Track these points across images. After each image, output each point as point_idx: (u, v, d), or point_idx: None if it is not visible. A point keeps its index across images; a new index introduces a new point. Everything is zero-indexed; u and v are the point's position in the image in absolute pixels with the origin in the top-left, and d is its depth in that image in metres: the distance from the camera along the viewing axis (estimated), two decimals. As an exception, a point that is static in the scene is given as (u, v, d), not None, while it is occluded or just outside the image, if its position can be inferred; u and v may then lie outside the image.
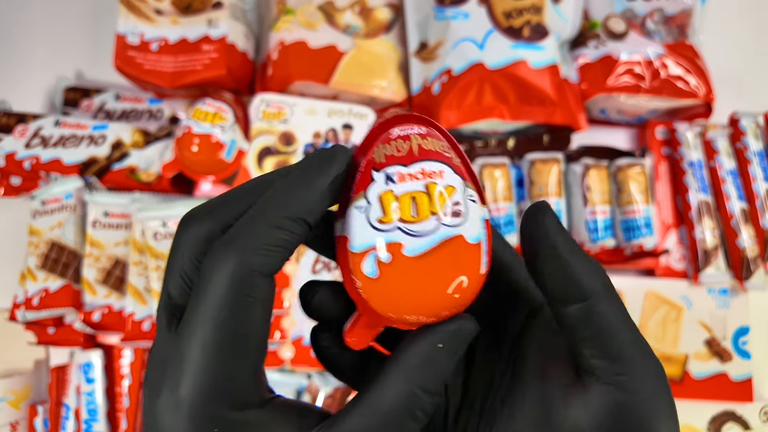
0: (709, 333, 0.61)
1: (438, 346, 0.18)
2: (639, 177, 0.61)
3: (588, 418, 0.19)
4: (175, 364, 0.18)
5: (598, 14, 0.66)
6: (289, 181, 0.19)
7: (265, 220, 0.18)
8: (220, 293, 0.17)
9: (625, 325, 0.19)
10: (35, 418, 0.58)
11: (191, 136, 0.57)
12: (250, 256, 0.18)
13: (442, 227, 0.18)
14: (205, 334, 0.17)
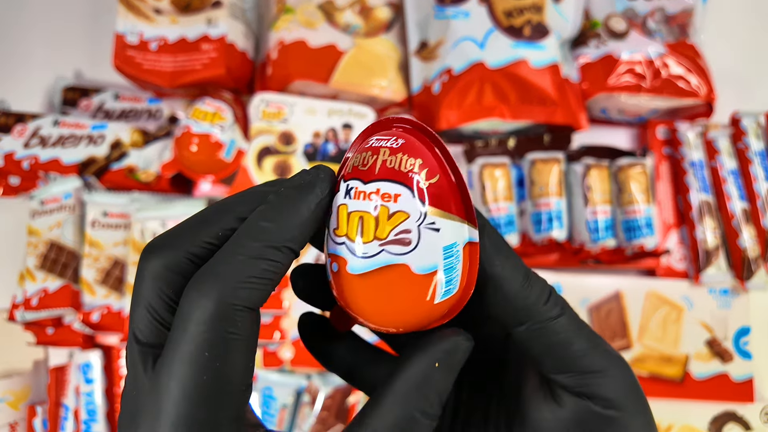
0: (710, 333, 0.61)
1: (434, 365, 0.18)
2: (640, 177, 0.61)
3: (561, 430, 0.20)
4: (152, 412, 0.16)
5: (599, 13, 0.66)
6: (270, 207, 0.18)
7: (246, 251, 0.17)
8: (200, 332, 0.16)
9: (576, 334, 0.20)
10: (34, 419, 0.58)
11: (190, 135, 0.57)
12: (231, 291, 0.16)
13: (383, 253, 0.18)
14: (185, 377, 0.16)
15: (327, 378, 0.57)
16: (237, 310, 0.16)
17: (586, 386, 0.19)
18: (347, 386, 0.56)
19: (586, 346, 0.19)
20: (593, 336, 0.20)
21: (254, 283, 0.17)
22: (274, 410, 0.55)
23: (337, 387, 0.56)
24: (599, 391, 0.19)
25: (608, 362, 0.20)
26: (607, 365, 0.19)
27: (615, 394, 0.19)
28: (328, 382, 0.56)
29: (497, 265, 0.19)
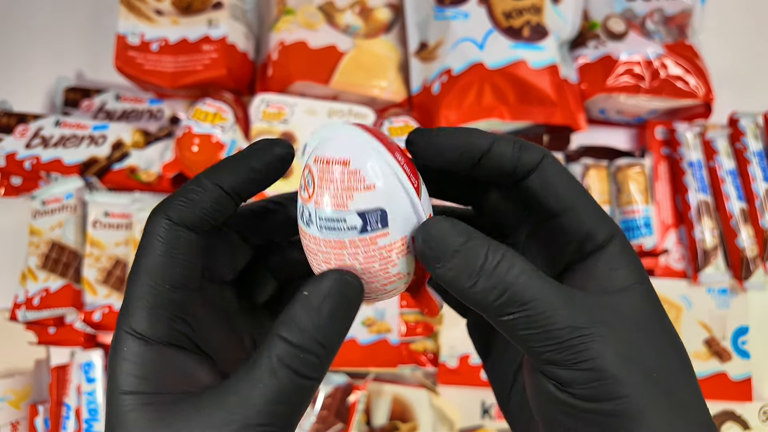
0: (708, 333, 0.61)
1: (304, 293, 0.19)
2: (638, 177, 0.61)
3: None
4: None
5: (598, 14, 0.66)
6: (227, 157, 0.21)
7: (193, 182, 0.21)
8: (143, 237, 0.20)
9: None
10: (36, 418, 0.58)
11: (191, 136, 0.57)
12: (167, 208, 0.20)
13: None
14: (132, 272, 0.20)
15: (327, 377, 0.57)
16: (163, 219, 0.20)
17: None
18: (347, 385, 0.57)
19: (564, 333, 0.18)
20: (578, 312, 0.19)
21: (181, 203, 0.20)
22: (274, 409, 0.56)
23: (337, 386, 0.56)
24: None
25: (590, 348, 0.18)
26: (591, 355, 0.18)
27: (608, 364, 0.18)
28: (328, 381, 0.57)
29: None
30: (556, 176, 0.21)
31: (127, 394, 0.18)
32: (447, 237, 0.19)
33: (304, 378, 0.18)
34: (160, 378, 0.19)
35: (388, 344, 0.58)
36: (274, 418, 0.18)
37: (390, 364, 0.58)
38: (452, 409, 0.59)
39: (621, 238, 0.20)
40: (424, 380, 0.60)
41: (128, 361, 0.19)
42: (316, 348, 0.18)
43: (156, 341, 0.19)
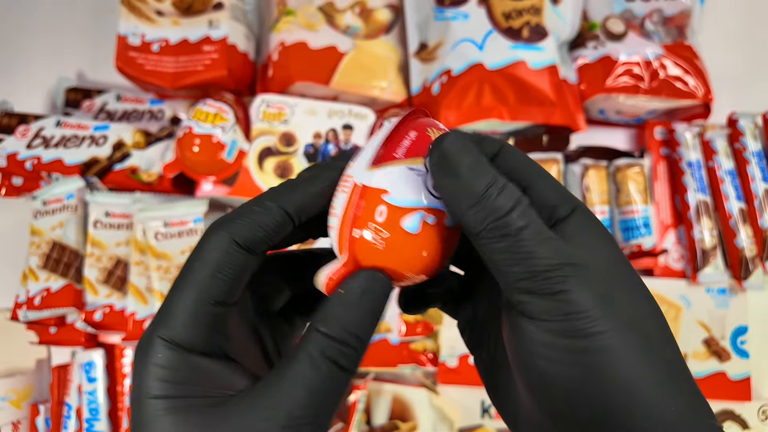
0: (707, 332, 0.61)
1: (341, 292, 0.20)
2: (638, 177, 0.61)
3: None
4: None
5: (597, 15, 0.66)
6: (288, 181, 0.22)
7: (254, 203, 0.21)
8: (199, 247, 0.21)
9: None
10: (37, 418, 0.58)
11: (192, 136, 0.58)
12: (229, 225, 0.20)
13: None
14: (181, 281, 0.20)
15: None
16: (227, 239, 0.20)
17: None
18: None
19: (547, 263, 0.19)
20: (558, 250, 0.19)
21: (244, 223, 0.20)
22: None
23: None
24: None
25: (567, 283, 0.19)
26: (567, 287, 0.19)
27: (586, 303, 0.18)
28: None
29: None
30: (517, 159, 0.22)
31: (159, 399, 0.19)
32: (459, 155, 0.20)
33: (345, 370, 0.19)
34: (196, 384, 0.19)
35: (388, 344, 0.58)
36: (317, 410, 0.19)
37: (390, 364, 0.58)
38: (452, 409, 0.59)
39: (583, 210, 0.21)
40: (424, 380, 0.60)
41: (160, 367, 0.19)
42: (355, 341, 0.19)
43: (191, 350, 0.19)
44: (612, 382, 0.18)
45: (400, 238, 0.20)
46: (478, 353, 0.26)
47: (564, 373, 0.19)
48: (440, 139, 0.20)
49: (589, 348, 0.18)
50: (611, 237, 0.21)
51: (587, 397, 0.18)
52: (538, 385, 0.19)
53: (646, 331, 0.19)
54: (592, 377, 0.18)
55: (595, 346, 0.18)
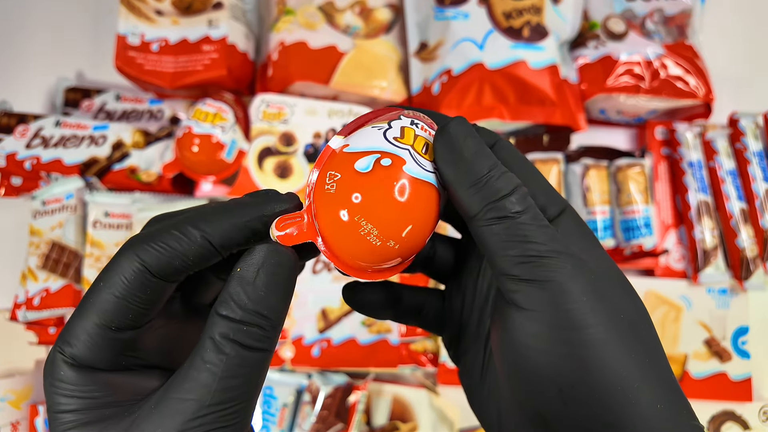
0: (708, 333, 0.61)
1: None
2: (638, 177, 0.61)
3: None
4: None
5: (598, 15, 0.66)
6: (216, 206, 0.20)
7: (178, 227, 0.19)
8: (107, 267, 0.19)
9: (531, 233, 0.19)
10: (36, 418, 0.58)
11: (192, 136, 0.57)
12: (142, 250, 0.19)
13: (435, 174, 0.21)
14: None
15: (327, 377, 0.57)
16: (135, 262, 0.19)
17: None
18: (347, 385, 0.57)
19: (539, 249, 0.19)
20: (551, 237, 0.19)
21: (159, 250, 0.19)
22: (274, 409, 0.56)
23: (337, 386, 0.56)
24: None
25: (556, 272, 0.19)
26: (555, 276, 0.19)
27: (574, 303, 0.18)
28: (328, 381, 0.57)
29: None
30: (509, 157, 0.22)
31: (66, 413, 0.18)
32: (463, 138, 0.20)
33: (253, 350, 0.18)
34: (104, 397, 0.18)
35: (388, 344, 0.58)
36: (229, 394, 0.18)
37: (390, 364, 0.58)
38: (452, 409, 0.59)
39: (571, 212, 0.21)
40: (424, 380, 0.60)
41: (64, 383, 0.18)
42: (259, 319, 0.18)
43: (95, 369, 0.19)
44: (600, 376, 0.18)
45: (351, 177, 0.20)
46: (462, 369, 0.26)
47: (554, 365, 0.18)
48: (446, 123, 0.20)
49: (579, 340, 0.18)
50: (597, 240, 0.21)
51: (576, 390, 0.18)
52: (526, 379, 0.19)
53: (634, 327, 0.19)
54: (581, 369, 0.18)
55: (586, 338, 0.18)
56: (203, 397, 0.18)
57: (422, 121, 0.22)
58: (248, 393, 0.19)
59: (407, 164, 0.20)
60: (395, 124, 0.21)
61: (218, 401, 0.18)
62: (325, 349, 0.58)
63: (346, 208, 0.19)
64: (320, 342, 0.58)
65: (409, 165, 0.20)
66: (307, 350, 0.57)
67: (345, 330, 0.58)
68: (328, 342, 0.58)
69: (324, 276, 0.59)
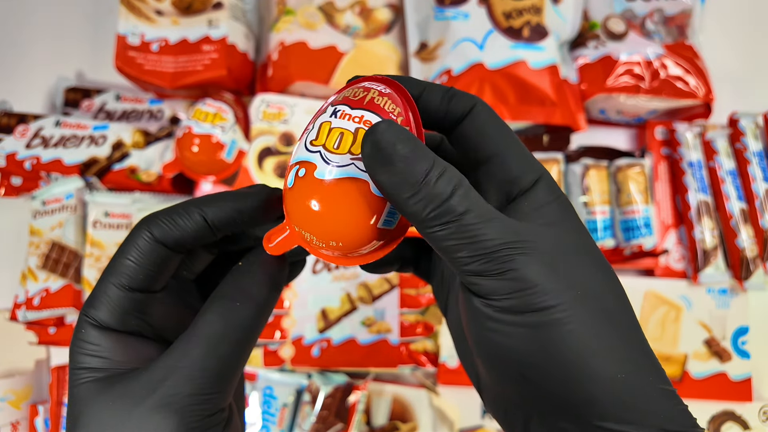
0: (708, 333, 0.61)
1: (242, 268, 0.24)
2: (638, 177, 0.61)
3: None
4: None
5: (598, 15, 0.66)
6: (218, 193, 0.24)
7: (183, 206, 0.23)
8: (125, 240, 0.23)
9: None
10: (36, 418, 0.58)
11: (192, 136, 0.57)
12: (151, 222, 0.22)
13: (351, 166, 0.20)
14: None
15: (327, 377, 0.57)
16: (145, 232, 0.22)
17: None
18: (347, 385, 0.57)
19: (493, 244, 0.19)
20: (505, 227, 0.19)
21: (164, 222, 0.22)
22: (274, 409, 0.56)
23: (337, 386, 0.56)
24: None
25: (514, 261, 0.19)
26: (515, 265, 0.19)
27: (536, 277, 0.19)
28: (328, 381, 0.57)
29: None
30: (486, 123, 0.22)
31: (81, 370, 0.21)
32: (394, 144, 0.18)
33: (241, 327, 0.22)
34: (112, 357, 0.21)
35: (388, 344, 0.58)
36: (215, 363, 0.21)
37: (390, 364, 0.58)
38: (452, 409, 0.59)
39: (547, 180, 0.21)
40: (424, 380, 0.60)
41: (85, 342, 0.21)
42: (249, 303, 0.22)
43: (112, 329, 0.22)
44: (565, 356, 0.18)
45: (285, 192, 0.21)
46: (448, 318, 0.27)
47: (518, 348, 0.19)
48: (371, 129, 0.19)
49: (541, 322, 0.18)
50: (572, 208, 0.21)
51: (542, 370, 0.19)
52: (494, 360, 0.20)
53: (600, 301, 0.19)
54: (545, 351, 0.18)
55: (547, 320, 0.18)
56: (193, 365, 0.21)
57: (354, 102, 0.21)
58: (234, 372, 0.22)
59: (317, 169, 0.20)
60: (318, 121, 0.21)
61: (206, 366, 0.21)
62: (325, 349, 0.58)
63: (291, 220, 0.21)
64: (320, 342, 0.58)
65: (320, 168, 0.20)
66: (307, 350, 0.57)
67: (345, 330, 0.58)
68: (328, 342, 0.58)
69: (324, 276, 0.59)
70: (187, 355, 0.20)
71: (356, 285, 0.59)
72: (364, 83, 0.22)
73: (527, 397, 0.20)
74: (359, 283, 0.59)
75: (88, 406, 0.20)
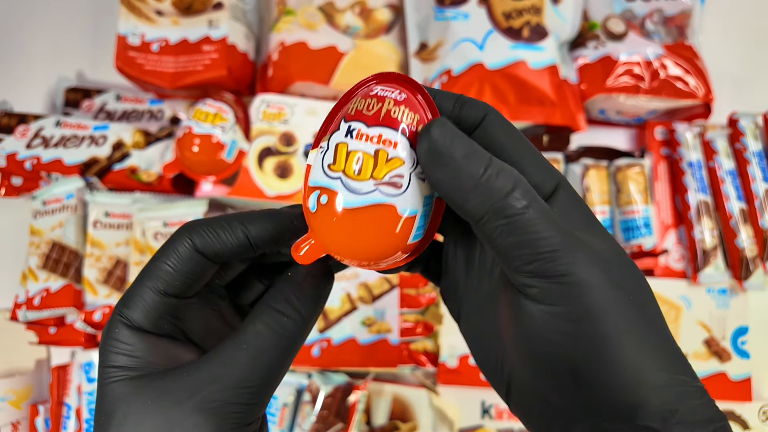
0: (708, 333, 0.61)
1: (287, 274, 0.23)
2: (638, 177, 0.61)
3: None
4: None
5: (598, 15, 0.66)
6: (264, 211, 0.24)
7: (227, 220, 0.23)
8: (165, 243, 0.23)
9: (542, 229, 0.19)
10: (36, 418, 0.58)
11: (192, 136, 0.57)
12: (194, 231, 0.22)
13: (376, 192, 0.19)
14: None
15: (327, 377, 0.57)
16: (185, 242, 0.22)
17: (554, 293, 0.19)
18: (348, 385, 0.57)
19: (550, 243, 0.18)
20: (560, 227, 0.19)
21: (207, 233, 0.22)
22: (275, 409, 0.56)
23: (337, 385, 0.56)
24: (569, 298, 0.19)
25: (570, 265, 0.18)
26: (570, 269, 0.18)
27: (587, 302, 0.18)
28: (328, 380, 0.57)
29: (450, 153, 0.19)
30: (500, 132, 0.21)
31: (113, 368, 0.21)
32: (449, 145, 0.19)
33: (287, 337, 0.21)
34: (144, 357, 0.21)
35: (388, 344, 0.58)
36: (261, 374, 0.21)
37: (390, 364, 0.58)
38: (452, 409, 0.59)
39: (566, 186, 0.21)
40: (424, 380, 0.60)
41: (118, 341, 0.21)
42: (295, 314, 0.22)
43: (146, 331, 0.22)
44: (619, 361, 0.18)
45: (308, 214, 0.21)
46: (464, 324, 0.26)
47: (569, 355, 0.19)
48: (426, 129, 0.19)
49: (595, 331, 0.18)
50: (593, 214, 0.22)
51: (590, 377, 0.19)
52: (540, 363, 0.20)
53: (643, 309, 0.19)
54: (598, 359, 0.18)
55: (602, 329, 0.18)
56: (238, 376, 0.21)
57: (369, 118, 0.20)
58: (275, 380, 0.22)
59: (340, 196, 0.20)
60: (333, 140, 0.20)
61: (248, 376, 0.21)
62: (325, 349, 0.58)
63: (318, 239, 0.21)
64: (320, 342, 0.58)
65: (343, 197, 0.20)
66: (307, 350, 0.57)
67: (345, 330, 0.58)
68: (328, 342, 0.58)
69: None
70: (234, 364, 0.20)
71: (356, 285, 0.59)
72: (377, 89, 0.21)
73: (572, 400, 0.19)
74: (359, 283, 0.59)
75: (123, 404, 0.20)
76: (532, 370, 0.20)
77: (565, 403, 0.20)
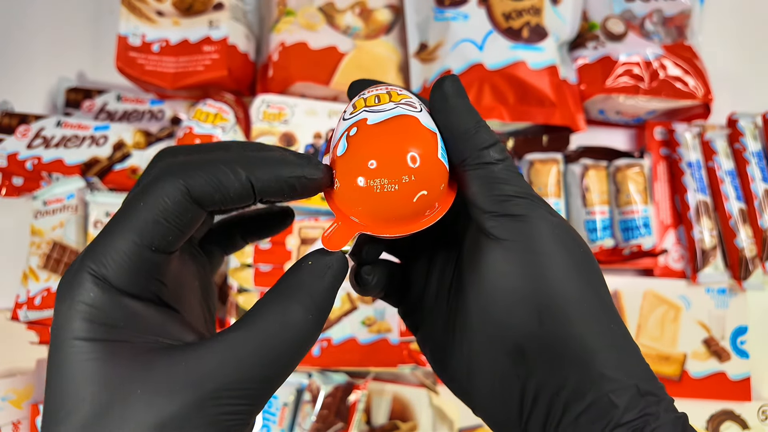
0: (707, 332, 0.61)
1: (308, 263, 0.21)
2: (637, 177, 0.61)
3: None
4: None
5: (597, 15, 0.67)
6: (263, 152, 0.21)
7: (223, 162, 0.20)
8: (149, 184, 0.19)
9: (507, 180, 0.22)
10: (38, 417, 0.58)
11: (192, 136, 0.58)
12: (188, 176, 0.19)
13: (398, 108, 0.22)
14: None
15: (328, 376, 0.57)
16: (181, 186, 0.19)
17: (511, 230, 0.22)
18: (348, 384, 0.57)
19: (516, 190, 0.22)
20: (525, 185, 0.23)
21: (206, 180, 0.19)
22: (275, 409, 0.56)
23: (337, 385, 0.57)
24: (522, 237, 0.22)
25: (529, 210, 0.22)
26: (528, 213, 0.22)
27: (535, 239, 0.22)
28: (328, 380, 0.57)
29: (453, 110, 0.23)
30: (451, 110, 0.24)
31: (84, 341, 0.17)
32: (456, 97, 0.23)
33: (303, 329, 0.20)
34: (127, 329, 0.17)
35: (388, 344, 0.58)
36: (268, 366, 0.19)
37: (390, 364, 0.58)
38: (452, 409, 0.59)
39: (496, 141, 0.24)
40: (424, 380, 0.60)
41: (89, 305, 0.17)
42: (312, 305, 0.20)
43: (127, 294, 0.18)
44: (567, 295, 0.21)
45: (340, 161, 0.22)
46: (424, 332, 0.27)
47: (527, 287, 0.21)
48: (440, 81, 0.23)
49: (548, 263, 0.21)
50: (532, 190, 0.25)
51: (548, 309, 0.21)
52: (504, 306, 0.22)
53: (585, 258, 0.22)
54: (551, 290, 0.21)
55: (553, 262, 0.21)
56: (244, 364, 0.18)
57: (375, 90, 0.23)
58: (285, 371, 0.20)
59: (368, 119, 0.22)
60: (349, 106, 0.23)
61: (260, 366, 0.19)
62: (325, 349, 0.58)
63: (354, 174, 0.21)
64: (320, 341, 0.58)
65: (371, 118, 0.22)
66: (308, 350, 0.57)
67: (345, 329, 0.58)
68: (328, 341, 0.58)
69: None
70: (240, 359, 0.18)
71: (356, 285, 0.59)
72: (366, 91, 0.24)
73: (533, 341, 0.21)
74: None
75: (104, 391, 0.16)
76: (497, 317, 0.22)
77: (530, 349, 0.21)
